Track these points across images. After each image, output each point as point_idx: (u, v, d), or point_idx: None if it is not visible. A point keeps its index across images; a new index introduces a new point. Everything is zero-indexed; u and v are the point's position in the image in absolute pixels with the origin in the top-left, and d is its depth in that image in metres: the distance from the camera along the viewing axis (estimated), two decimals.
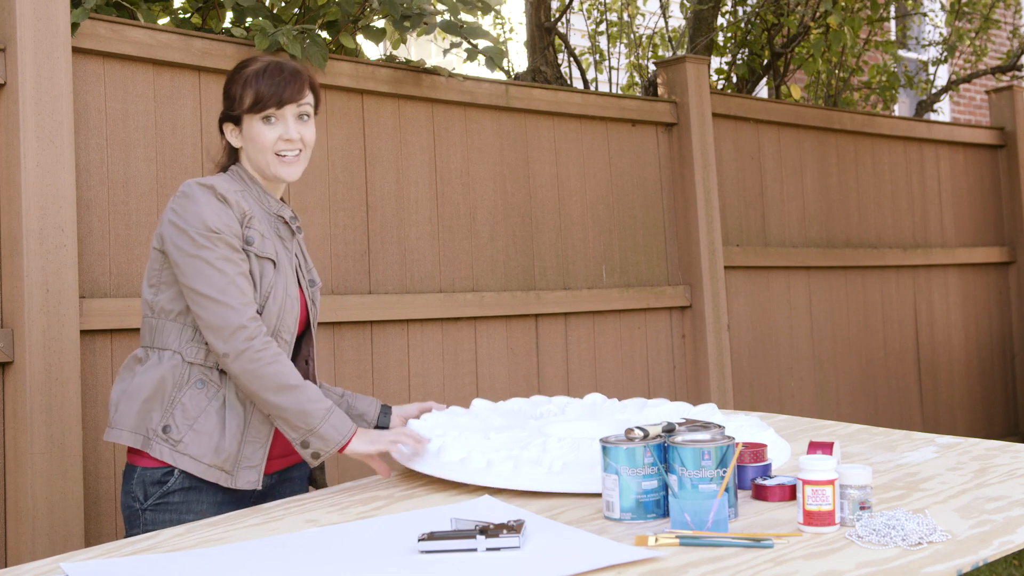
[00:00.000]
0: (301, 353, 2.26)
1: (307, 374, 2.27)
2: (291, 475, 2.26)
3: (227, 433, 2.07)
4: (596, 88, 5.71)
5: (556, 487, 1.92)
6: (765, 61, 5.66)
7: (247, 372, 2.02)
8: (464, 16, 3.59)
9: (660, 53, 6.29)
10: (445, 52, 3.62)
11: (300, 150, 2.19)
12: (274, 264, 2.14)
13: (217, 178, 2.15)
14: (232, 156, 2.25)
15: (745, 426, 2.11)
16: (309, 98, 2.20)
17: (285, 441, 2.18)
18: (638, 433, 1.77)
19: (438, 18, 3.53)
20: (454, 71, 3.65)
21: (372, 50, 4.79)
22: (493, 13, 3.70)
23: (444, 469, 2.02)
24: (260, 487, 2.11)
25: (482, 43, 3.60)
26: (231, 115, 2.19)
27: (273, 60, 2.21)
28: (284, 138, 2.16)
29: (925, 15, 7.01)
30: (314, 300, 2.29)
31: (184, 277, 2.06)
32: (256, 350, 2.02)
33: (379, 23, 3.54)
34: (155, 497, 2.07)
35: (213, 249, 2.04)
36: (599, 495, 1.86)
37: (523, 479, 1.95)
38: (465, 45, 3.58)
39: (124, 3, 3.20)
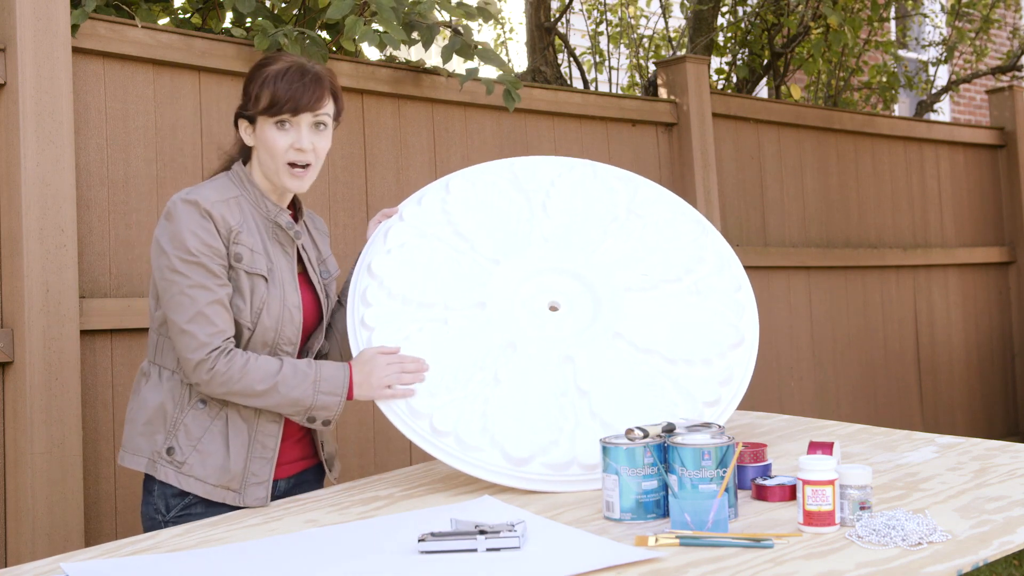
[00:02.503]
0: (307, 345, 2.20)
1: None
2: (306, 478, 2.22)
3: (232, 452, 2.04)
4: (596, 88, 5.71)
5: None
6: (765, 61, 5.66)
7: (220, 395, 2.01)
8: (475, 36, 3.59)
9: (661, 53, 6.29)
10: (462, 80, 3.59)
11: (310, 163, 2.09)
12: (266, 280, 2.06)
13: (206, 187, 2.07)
14: (244, 151, 2.17)
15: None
16: (329, 107, 2.09)
17: (295, 447, 2.17)
18: (638, 433, 1.78)
19: (448, 34, 3.53)
20: (453, 72, 3.64)
21: (372, 50, 4.79)
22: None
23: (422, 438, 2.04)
24: (267, 503, 2.07)
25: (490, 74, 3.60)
26: (245, 114, 2.10)
27: (297, 62, 2.09)
28: (295, 147, 2.06)
29: (925, 16, 7.00)
30: (328, 293, 2.23)
31: (162, 299, 2.03)
32: (221, 374, 1.98)
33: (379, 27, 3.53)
34: (177, 509, 2.05)
35: (188, 276, 1.98)
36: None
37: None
38: (480, 74, 3.57)
39: (122, 5, 3.20)
